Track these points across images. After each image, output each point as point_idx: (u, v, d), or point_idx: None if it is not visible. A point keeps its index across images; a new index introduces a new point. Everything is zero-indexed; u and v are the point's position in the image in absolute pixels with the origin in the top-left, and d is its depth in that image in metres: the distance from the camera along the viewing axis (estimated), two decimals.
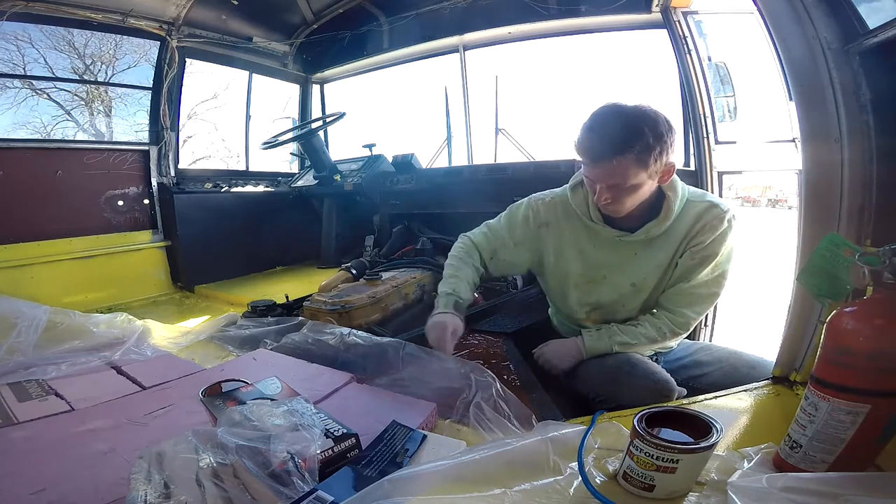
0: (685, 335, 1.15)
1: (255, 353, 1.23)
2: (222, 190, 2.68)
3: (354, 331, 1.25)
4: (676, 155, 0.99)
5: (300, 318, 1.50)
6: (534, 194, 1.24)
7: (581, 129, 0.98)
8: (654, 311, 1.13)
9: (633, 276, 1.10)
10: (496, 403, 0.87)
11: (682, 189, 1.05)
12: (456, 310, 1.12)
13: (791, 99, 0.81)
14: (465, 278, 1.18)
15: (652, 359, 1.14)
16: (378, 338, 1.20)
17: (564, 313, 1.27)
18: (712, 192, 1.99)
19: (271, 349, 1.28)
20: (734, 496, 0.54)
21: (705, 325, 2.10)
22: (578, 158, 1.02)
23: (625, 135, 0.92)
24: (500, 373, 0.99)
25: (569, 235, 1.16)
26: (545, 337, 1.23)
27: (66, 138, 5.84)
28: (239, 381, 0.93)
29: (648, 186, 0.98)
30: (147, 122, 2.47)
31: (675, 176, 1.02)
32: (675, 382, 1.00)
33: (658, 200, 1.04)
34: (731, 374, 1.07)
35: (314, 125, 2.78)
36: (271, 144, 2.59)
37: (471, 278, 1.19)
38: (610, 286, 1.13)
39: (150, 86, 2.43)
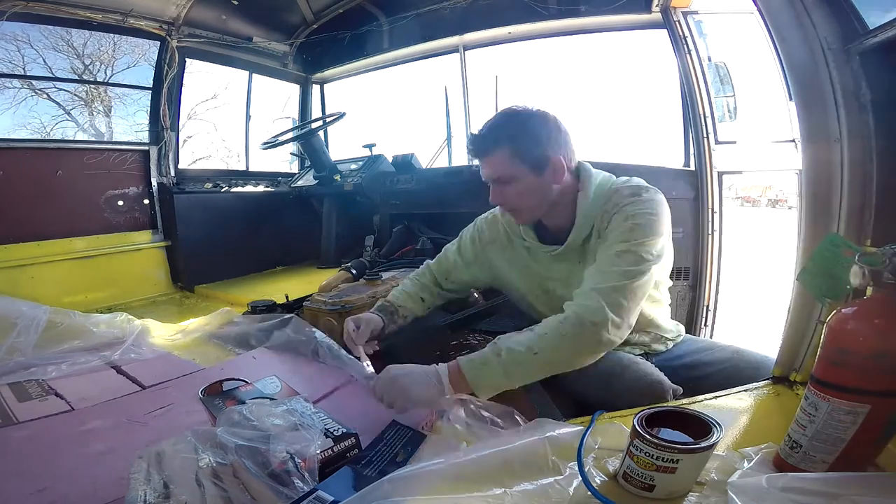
0: (628, 332, 0.92)
1: (255, 352, 1.23)
2: (222, 190, 2.67)
3: None
4: (566, 151, 1.01)
5: (294, 315, 1.49)
6: (483, 213, 1.27)
7: None
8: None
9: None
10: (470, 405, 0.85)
11: (596, 188, 1.03)
12: (380, 311, 1.16)
13: (791, 99, 0.81)
14: (406, 289, 1.24)
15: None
16: None
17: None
18: (712, 191, 1.98)
19: (270, 348, 1.27)
20: (734, 496, 0.54)
21: (706, 324, 2.09)
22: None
23: (494, 128, 1.01)
24: None
25: (511, 253, 1.17)
26: None
27: (66, 138, 5.85)
28: (238, 380, 0.94)
29: (536, 183, 1.00)
30: (147, 122, 2.47)
31: (591, 178, 1.03)
32: (668, 381, 0.97)
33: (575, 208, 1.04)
34: (734, 375, 1.03)
35: (314, 125, 2.77)
36: (271, 144, 2.59)
37: (413, 291, 1.24)
38: (564, 299, 0.98)
39: (150, 86, 2.43)
